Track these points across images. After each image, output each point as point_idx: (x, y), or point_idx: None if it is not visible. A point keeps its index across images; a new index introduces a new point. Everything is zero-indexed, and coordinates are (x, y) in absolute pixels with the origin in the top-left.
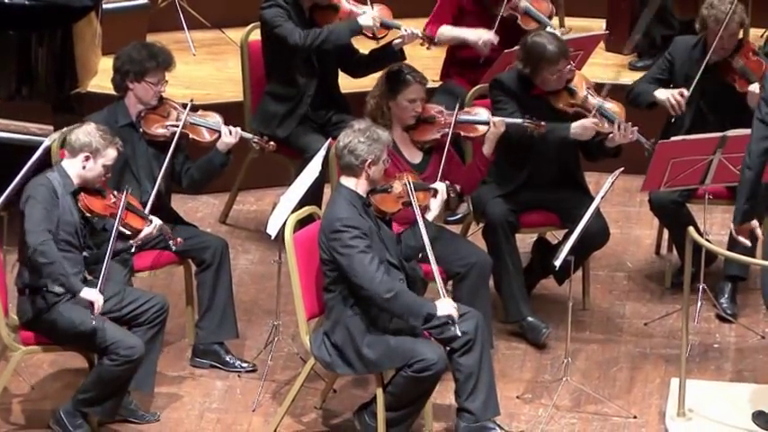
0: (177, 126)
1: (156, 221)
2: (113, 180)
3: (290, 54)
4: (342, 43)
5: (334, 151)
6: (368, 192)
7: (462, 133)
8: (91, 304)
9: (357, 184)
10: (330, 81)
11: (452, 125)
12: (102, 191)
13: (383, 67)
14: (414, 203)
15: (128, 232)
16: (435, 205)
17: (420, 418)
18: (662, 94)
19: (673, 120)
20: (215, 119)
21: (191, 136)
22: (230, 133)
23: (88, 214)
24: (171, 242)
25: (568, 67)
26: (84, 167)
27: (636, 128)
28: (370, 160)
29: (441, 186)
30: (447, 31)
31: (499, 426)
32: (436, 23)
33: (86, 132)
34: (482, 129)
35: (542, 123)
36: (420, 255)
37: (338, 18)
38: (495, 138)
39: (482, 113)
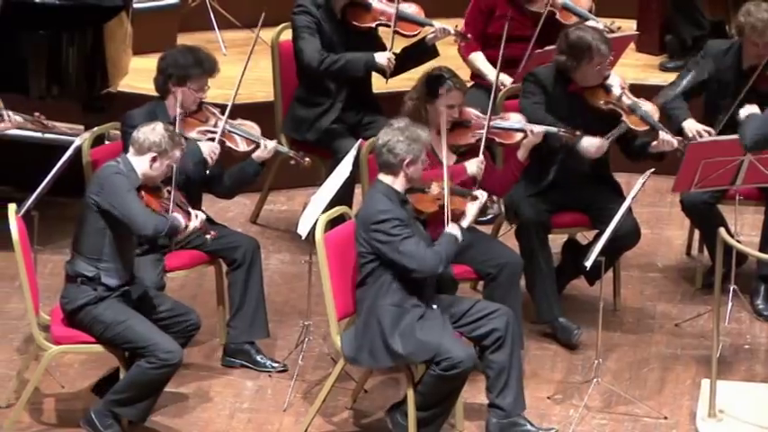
0: (215, 133)
1: (201, 215)
2: None
3: (305, 69)
4: (355, 75)
5: (373, 149)
6: (405, 191)
7: (497, 139)
8: (202, 226)
9: (394, 182)
10: (362, 83)
11: (486, 130)
12: (156, 187)
13: (417, 64)
14: (446, 207)
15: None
16: (472, 211)
17: (451, 417)
18: (690, 125)
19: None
20: (254, 129)
21: (227, 144)
22: (266, 147)
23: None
24: (208, 236)
25: (608, 61)
26: (150, 167)
27: (677, 139)
28: (408, 159)
29: (481, 194)
30: (477, 60)
31: (530, 422)
32: (469, 47)
33: (155, 132)
34: (517, 136)
35: (577, 133)
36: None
37: (371, 17)
38: (530, 144)
39: (517, 120)
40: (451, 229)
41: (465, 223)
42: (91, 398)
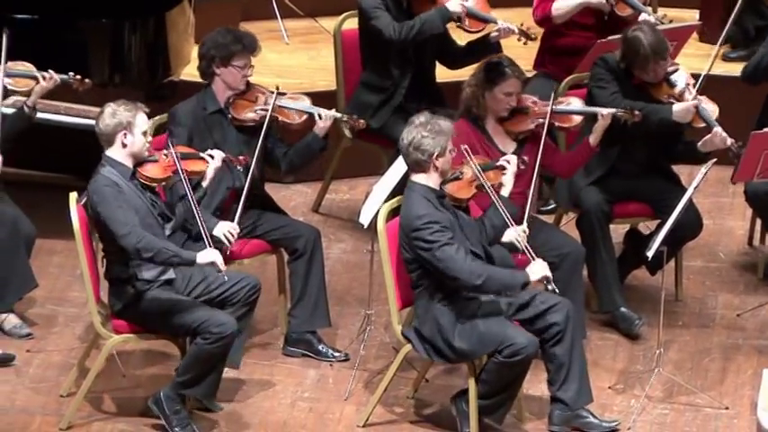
0: (267, 110)
1: (218, 154)
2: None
3: (386, 45)
4: (435, 32)
5: (400, 150)
6: (440, 183)
7: (557, 123)
8: (213, 264)
9: (428, 179)
10: (426, 72)
11: (548, 116)
12: (152, 158)
13: (480, 59)
14: (485, 184)
15: (197, 178)
16: (508, 179)
17: (513, 408)
18: None
19: None
20: (305, 101)
21: (280, 119)
22: (324, 117)
23: (153, 184)
24: (238, 166)
25: (665, 62)
26: (125, 145)
27: (733, 140)
28: (436, 153)
29: (511, 159)
30: (563, 3)
31: (592, 414)
32: (546, 1)
33: (110, 114)
34: (576, 119)
35: (636, 112)
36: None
37: (435, 6)
38: (602, 129)
39: (576, 103)
40: (534, 270)
41: (506, 192)
42: (151, 387)
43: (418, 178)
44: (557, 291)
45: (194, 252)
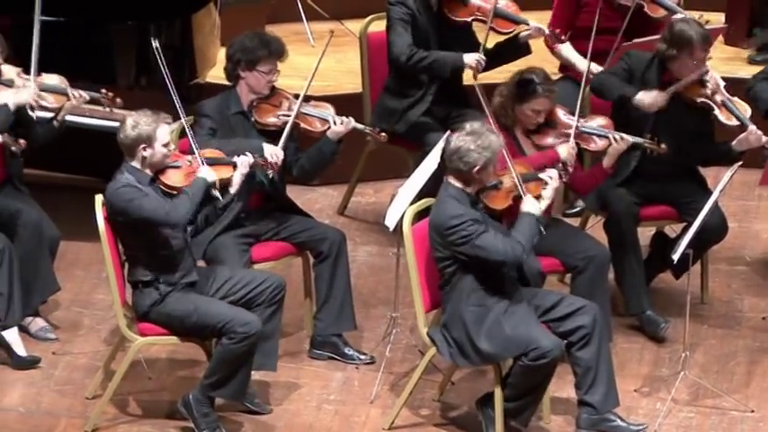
0: (289, 115)
1: (244, 159)
2: None
3: (393, 62)
4: (440, 76)
5: (444, 153)
6: (476, 191)
7: (582, 144)
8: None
9: (465, 186)
10: (454, 76)
11: (573, 133)
12: (175, 164)
13: (509, 60)
14: (524, 197)
15: (224, 184)
16: (548, 194)
17: (538, 410)
18: None
19: None
20: (328, 109)
21: (302, 125)
22: (341, 123)
23: (174, 192)
24: (269, 171)
25: (705, 55)
26: (145, 158)
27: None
28: (479, 167)
29: (552, 174)
30: (565, 51)
31: (620, 417)
32: (556, 25)
33: (131, 126)
34: (601, 143)
35: (662, 146)
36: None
37: (467, 12)
38: (616, 153)
39: (602, 124)
40: (527, 206)
41: (543, 205)
42: (177, 390)
43: (455, 182)
44: (543, 231)
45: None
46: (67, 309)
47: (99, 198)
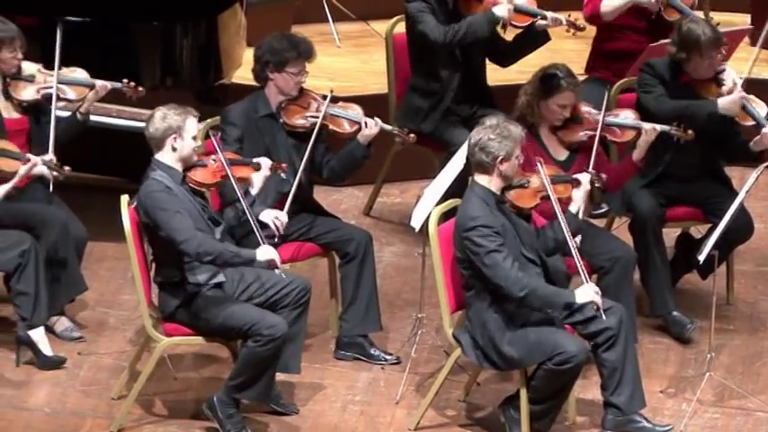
0: (317, 117)
1: (264, 162)
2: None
3: (433, 48)
4: (480, 36)
5: (467, 149)
6: (502, 188)
7: (609, 137)
8: (271, 263)
9: (490, 182)
10: (475, 74)
11: (600, 128)
12: (201, 163)
13: (530, 51)
14: (552, 197)
15: (246, 185)
16: (579, 197)
17: (563, 411)
18: None
19: None
20: (355, 110)
21: (330, 127)
22: (370, 125)
23: (203, 189)
24: (281, 173)
25: (720, 55)
26: (175, 149)
27: None
28: (501, 156)
29: (584, 177)
30: (611, 1)
31: (646, 419)
32: (590, 5)
33: (161, 118)
34: (629, 134)
35: (689, 132)
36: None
37: (482, 8)
38: (646, 145)
39: (629, 117)
40: (580, 294)
41: (574, 208)
42: (203, 390)
43: (480, 179)
44: (604, 317)
45: (253, 251)
46: (93, 309)
47: (125, 198)
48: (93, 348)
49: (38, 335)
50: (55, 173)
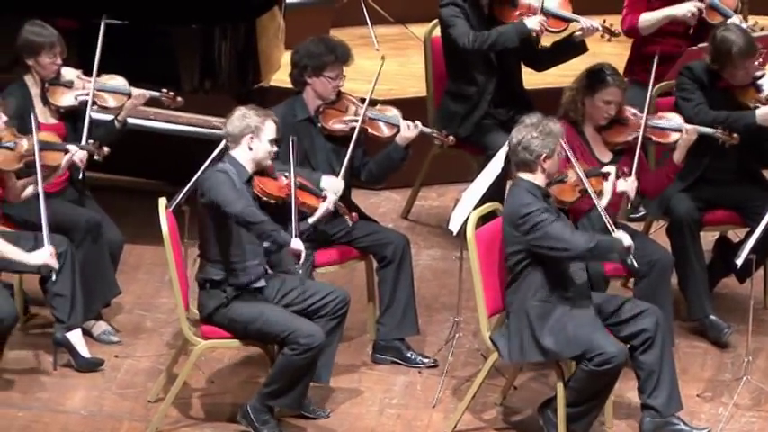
0: (356, 121)
1: (331, 196)
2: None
3: (465, 53)
4: (510, 46)
5: (508, 149)
6: (546, 185)
7: (654, 138)
8: (296, 255)
9: (535, 178)
10: (512, 78)
11: (643, 129)
12: (272, 175)
13: (565, 59)
14: (590, 190)
15: (306, 211)
16: (608, 189)
17: (600, 414)
18: None
19: None
20: (393, 113)
21: (369, 131)
22: (409, 128)
23: (264, 198)
24: (347, 218)
25: (757, 62)
26: (251, 149)
27: None
28: (544, 155)
29: (611, 169)
30: (649, 16)
31: (684, 422)
32: (633, 13)
33: (240, 116)
34: (674, 136)
35: (734, 135)
36: None
37: (517, 13)
38: (686, 146)
39: (675, 120)
40: (621, 235)
41: (604, 201)
42: (240, 393)
43: (525, 176)
44: (635, 264)
45: (289, 237)
46: (130, 312)
47: (162, 201)
48: (130, 351)
49: (75, 336)
50: (96, 156)
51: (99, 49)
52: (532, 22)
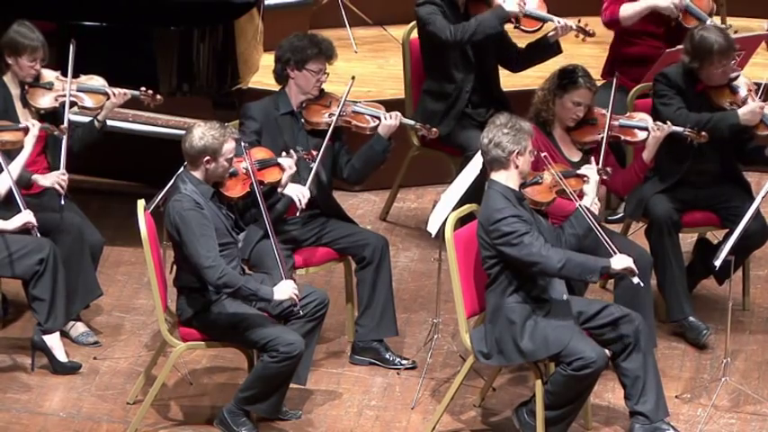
0: (341, 112)
1: (289, 160)
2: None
3: (445, 50)
4: (492, 32)
5: (480, 149)
6: (519, 186)
7: (622, 137)
8: (290, 300)
9: (508, 178)
10: (489, 78)
11: (607, 127)
12: (232, 171)
13: (540, 60)
14: (567, 189)
15: (274, 184)
16: (590, 189)
17: (579, 417)
18: None
19: None
20: (377, 107)
21: (354, 123)
22: (391, 116)
23: (234, 202)
24: (308, 159)
25: (733, 62)
26: (208, 170)
27: None
28: (516, 151)
29: (591, 170)
30: (630, 6)
31: (672, 426)
32: (615, 4)
33: (198, 137)
34: (642, 134)
35: (703, 134)
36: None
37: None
38: (655, 144)
39: (643, 119)
40: (615, 261)
41: (588, 202)
42: (218, 395)
43: (498, 177)
44: (642, 284)
45: (270, 289)
46: (109, 313)
47: (141, 203)
48: (108, 353)
49: (52, 340)
50: (55, 132)
51: (72, 54)
52: (510, 5)
